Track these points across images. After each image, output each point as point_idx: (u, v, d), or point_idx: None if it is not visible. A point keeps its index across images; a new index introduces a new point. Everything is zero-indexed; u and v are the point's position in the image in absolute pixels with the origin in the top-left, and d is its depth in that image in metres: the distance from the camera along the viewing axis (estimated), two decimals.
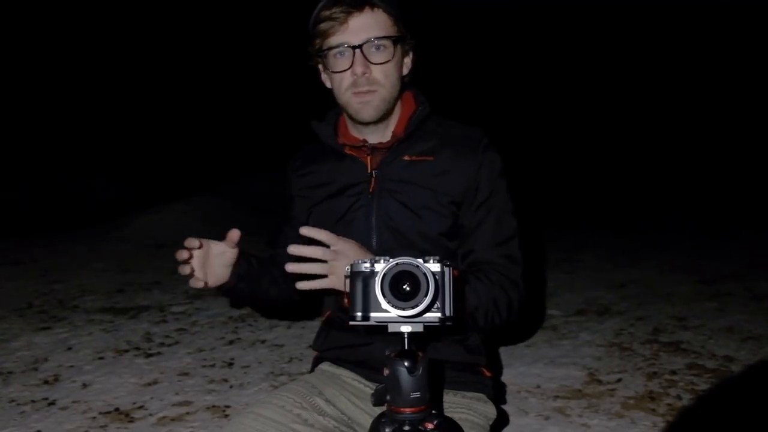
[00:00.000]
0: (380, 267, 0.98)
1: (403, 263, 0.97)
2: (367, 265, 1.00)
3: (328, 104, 1.46)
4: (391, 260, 0.98)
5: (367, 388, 1.38)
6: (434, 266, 0.98)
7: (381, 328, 1.02)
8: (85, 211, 8.47)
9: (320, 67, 1.40)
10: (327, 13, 1.28)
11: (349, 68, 1.29)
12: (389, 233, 1.35)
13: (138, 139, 12.14)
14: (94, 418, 2.10)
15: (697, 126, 11.44)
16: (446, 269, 1.00)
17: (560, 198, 8.62)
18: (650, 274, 4.28)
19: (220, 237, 1.38)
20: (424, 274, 0.96)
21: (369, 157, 1.38)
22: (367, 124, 1.36)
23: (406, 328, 1.00)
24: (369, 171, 1.37)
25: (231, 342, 2.92)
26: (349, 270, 1.03)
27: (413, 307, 0.96)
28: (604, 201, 8.84)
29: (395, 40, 1.31)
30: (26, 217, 8.21)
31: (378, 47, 1.29)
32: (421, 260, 0.98)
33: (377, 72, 1.29)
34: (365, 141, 1.39)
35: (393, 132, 1.40)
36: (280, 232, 1.53)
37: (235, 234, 1.34)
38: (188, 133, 12.38)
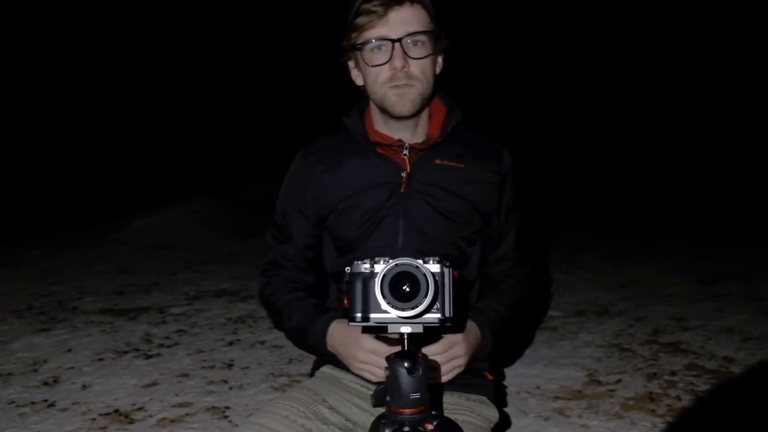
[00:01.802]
0: (380, 268, 0.98)
1: (403, 264, 0.97)
2: (367, 266, 1.00)
3: (329, 105, 1.45)
4: (390, 261, 0.98)
5: (370, 390, 1.37)
6: (434, 267, 0.98)
7: (381, 329, 1.02)
8: (85, 212, 8.47)
9: (351, 63, 1.38)
10: (366, 6, 1.26)
11: (387, 62, 1.28)
12: (416, 235, 1.34)
13: (138, 140, 12.14)
14: (94, 419, 2.10)
15: (697, 125, 11.45)
16: (446, 270, 1.00)
17: (560, 199, 8.62)
18: (650, 275, 4.28)
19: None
20: (423, 275, 0.96)
21: (406, 158, 1.36)
22: (400, 119, 1.34)
23: (405, 329, 1.00)
24: (408, 171, 1.36)
25: (230, 343, 2.92)
26: (349, 271, 1.03)
27: (413, 308, 0.96)
28: (604, 202, 8.85)
29: (433, 36, 1.30)
30: (26, 218, 8.21)
31: (416, 42, 1.28)
32: (420, 261, 0.98)
33: (415, 67, 1.28)
34: (400, 140, 1.37)
35: (428, 134, 1.39)
36: (290, 239, 1.46)
37: None
38: (188, 134, 12.37)
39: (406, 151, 1.36)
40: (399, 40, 1.26)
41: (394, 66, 1.27)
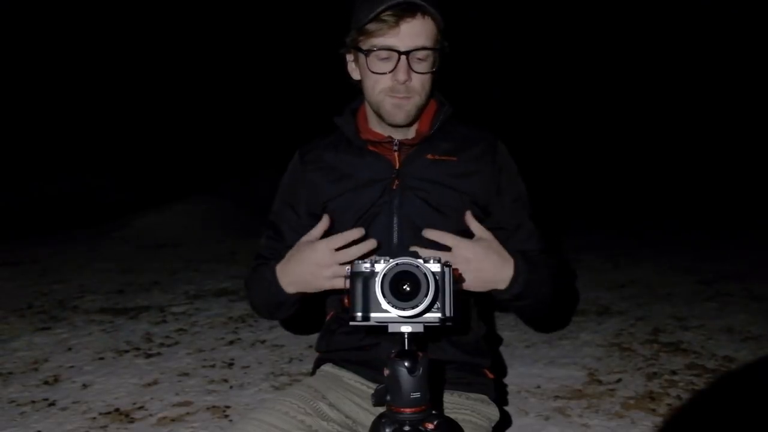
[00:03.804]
0: (380, 267, 0.98)
1: (404, 263, 0.97)
2: (367, 265, 1.01)
3: (329, 105, 1.45)
4: (391, 260, 0.98)
5: (370, 389, 1.37)
6: (434, 266, 0.98)
7: (381, 329, 1.02)
8: (86, 211, 8.48)
9: (350, 57, 1.38)
10: (380, 12, 1.24)
11: (390, 72, 1.27)
12: (411, 231, 1.34)
13: (138, 139, 12.14)
14: (94, 418, 2.10)
15: (698, 126, 11.44)
16: (446, 269, 1.00)
17: (560, 198, 8.62)
18: (650, 275, 4.28)
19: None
20: (424, 275, 0.96)
21: (397, 154, 1.37)
22: (394, 126, 1.36)
23: (406, 329, 1.00)
24: (397, 167, 1.36)
25: (231, 342, 2.92)
26: (349, 270, 1.03)
27: (413, 308, 0.96)
28: (605, 201, 8.85)
29: (439, 52, 1.31)
30: (26, 217, 8.21)
31: (422, 57, 1.28)
32: (421, 260, 0.98)
33: (416, 81, 1.29)
34: (391, 137, 1.37)
35: (417, 130, 1.40)
36: (280, 236, 1.46)
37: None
38: (189, 133, 12.38)
39: (396, 147, 1.37)
40: (407, 53, 1.26)
41: (397, 78, 1.27)
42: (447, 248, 1.31)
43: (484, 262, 1.23)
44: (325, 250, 1.23)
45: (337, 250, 1.23)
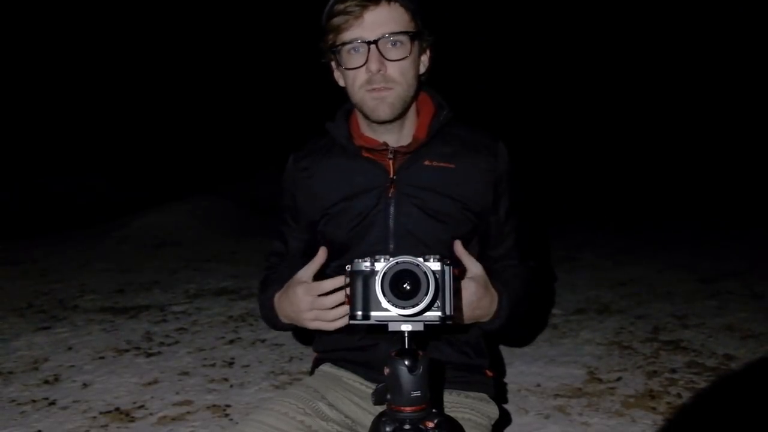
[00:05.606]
0: (380, 266, 0.98)
1: (404, 262, 0.97)
2: (368, 264, 1.00)
3: (329, 105, 1.44)
4: (391, 259, 0.98)
5: (369, 389, 1.37)
6: (434, 265, 0.98)
7: (381, 327, 1.02)
8: (86, 211, 8.48)
9: (333, 64, 1.34)
10: (341, 6, 1.21)
11: (363, 65, 1.23)
12: (407, 238, 1.31)
13: (139, 139, 12.14)
14: (95, 417, 2.10)
15: (698, 124, 11.44)
16: (446, 268, 1.00)
17: (561, 196, 8.62)
18: (650, 273, 4.28)
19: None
20: (424, 273, 0.96)
21: (392, 162, 1.33)
22: (382, 123, 1.30)
23: (406, 327, 1.00)
24: (392, 175, 1.33)
25: (231, 341, 2.93)
26: (350, 269, 1.03)
27: (413, 306, 0.96)
28: (605, 199, 8.84)
29: (412, 36, 1.25)
30: (26, 217, 8.21)
31: (394, 43, 1.23)
32: (421, 259, 0.98)
33: (393, 69, 1.24)
34: (385, 144, 1.33)
35: (414, 135, 1.35)
36: (286, 245, 1.47)
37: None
38: (189, 133, 12.37)
39: (390, 156, 1.33)
40: (375, 42, 1.21)
41: (370, 69, 1.22)
42: (444, 252, 1.26)
43: (479, 301, 1.22)
44: (304, 296, 1.21)
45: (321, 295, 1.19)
